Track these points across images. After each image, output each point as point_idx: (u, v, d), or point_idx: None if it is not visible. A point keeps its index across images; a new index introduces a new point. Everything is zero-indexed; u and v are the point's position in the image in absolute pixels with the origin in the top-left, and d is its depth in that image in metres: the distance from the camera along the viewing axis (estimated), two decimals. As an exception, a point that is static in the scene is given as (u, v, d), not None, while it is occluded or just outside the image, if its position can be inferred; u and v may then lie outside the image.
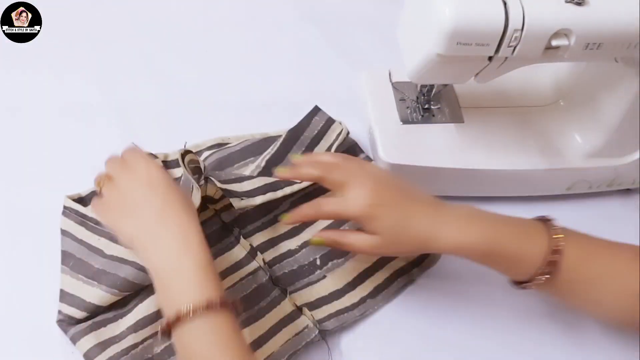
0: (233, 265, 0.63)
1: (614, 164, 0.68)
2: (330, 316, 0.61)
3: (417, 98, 0.70)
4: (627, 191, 0.74)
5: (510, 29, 0.51)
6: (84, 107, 0.77)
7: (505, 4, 0.51)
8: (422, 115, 0.70)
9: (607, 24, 0.53)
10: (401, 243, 0.53)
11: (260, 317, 0.60)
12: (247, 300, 0.61)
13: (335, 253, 0.65)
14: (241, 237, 0.64)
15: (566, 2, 0.52)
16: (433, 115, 0.70)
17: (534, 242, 0.52)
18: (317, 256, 0.64)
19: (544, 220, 0.54)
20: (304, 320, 0.60)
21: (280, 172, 0.57)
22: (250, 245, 0.63)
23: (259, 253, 0.63)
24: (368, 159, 0.72)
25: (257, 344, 0.58)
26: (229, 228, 0.65)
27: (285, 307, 0.61)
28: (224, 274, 0.62)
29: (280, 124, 0.71)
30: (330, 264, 0.64)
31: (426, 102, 0.70)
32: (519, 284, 0.55)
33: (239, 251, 0.63)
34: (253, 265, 0.63)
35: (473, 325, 0.62)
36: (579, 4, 0.52)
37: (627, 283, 0.51)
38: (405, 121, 0.69)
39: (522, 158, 0.68)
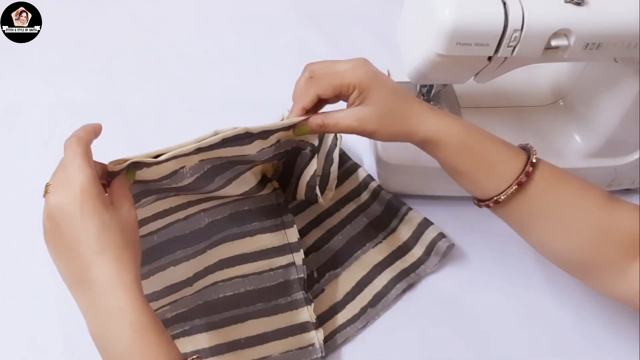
0: (268, 249, 0.62)
1: (613, 164, 0.68)
2: (333, 333, 0.60)
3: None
4: (627, 191, 0.73)
5: (510, 29, 0.51)
6: (84, 107, 0.77)
7: (504, 4, 0.51)
8: (422, 115, 0.70)
9: (606, 24, 0.53)
10: (388, 117, 0.51)
11: (273, 314, 0.59)
12: (266, 292, 0.60)
13: (332, 263, 0.65)
14: (294, 226, 0.62)
15: (565, 2, 0.52)
16: (433, 115, 0.70)
17: (512, 150, 0.52)
18: (314, 268, 0.64)
19: (524, 147, 0.54)
20: (312, 337, 0.59)
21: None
22: (298, 238, 0.62)
23: (301, 250, 0.62)
24: (356, 165, 0.72)
25: (257, 339, 0.58)
26: (282, 210, 0.63)
27: (301, 315, 0.60)
28: (254, 256, 0.61)
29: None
30: (327, 275, 0.64)
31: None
32: (483, 201, 0.53)
33: (279, 237, 0.62)
34: (288, 258, 0.62)
35: (472, 331, 0.62)
36: (578, 4, 0.52)
37: (591, 219, 0.50)
38: (405, 121, 0.69)
39: (521, 158, 0.68)
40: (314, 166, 0.58)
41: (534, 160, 0.51)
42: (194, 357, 0.44)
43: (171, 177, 0.51)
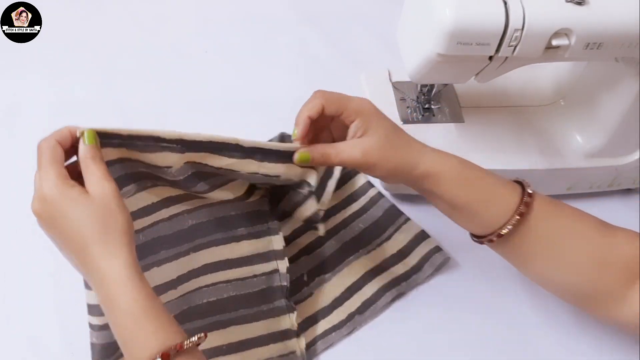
0: (253, 255, 0.61)
1: (614, 163, 0.68)
2: (316, 339, 0.60)
3: (418, 98, 0.71)
4: (628, 191, 0.74)
5: (511, 28, 0.51)
6: (84, 107, 0.77)
7: (505, 3, 0.51)
8: (423, 115, 0.70)
9: (607, 24, 0.53)
10: (389, 150, 0.51)
11: (255, 320, 0.59)
12: (249, 298, 0.60)
13: (323, 267, 0.64)
14: (279, 233, 0.62)
15: (566, 1, 0.52)
16: (433, 115, 0.70)
17: (507, 182, 0.52)
18: (305, 271, 0.64)
19: (516, 180, 0.54)
20: (294, 345, 0.58)
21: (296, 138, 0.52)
22: (284, 245, 0.61)
23: (286, 258, 0.61)
24: (355, 170, 0.71)
25: (239, 346, 0.58)
26: (268, 217, 0.62)
27: (283, 322, 0.59)
28: (239, 262, 0.61)
29: (280, 124, 0.71)
30: (317, 279, 0.63)
31: (426, 102, 0.70)
32: (481, 238, 0.53)
33: (264, 244, 0.62)
34: (272, 265, 0.61)
35: (462, 341, 0.62)
36: (579, 3, 0.52)
37: (590, 247, 0.51)
38: (405, 121, 0.69)
39: (522, 158, 0.68)
40: (313, 206, 0.57)
41: (530, 192, 0.51)
42: (192, 340, 0.43)
43: (152, 169, 0.50)
